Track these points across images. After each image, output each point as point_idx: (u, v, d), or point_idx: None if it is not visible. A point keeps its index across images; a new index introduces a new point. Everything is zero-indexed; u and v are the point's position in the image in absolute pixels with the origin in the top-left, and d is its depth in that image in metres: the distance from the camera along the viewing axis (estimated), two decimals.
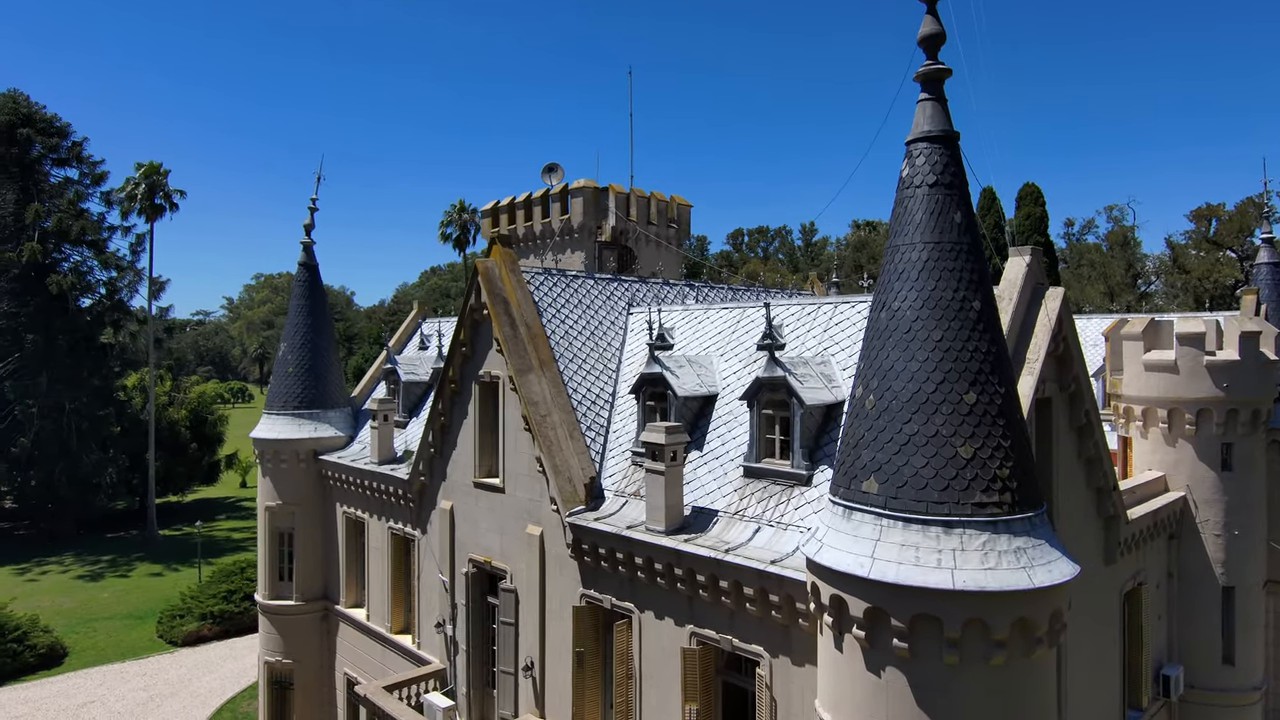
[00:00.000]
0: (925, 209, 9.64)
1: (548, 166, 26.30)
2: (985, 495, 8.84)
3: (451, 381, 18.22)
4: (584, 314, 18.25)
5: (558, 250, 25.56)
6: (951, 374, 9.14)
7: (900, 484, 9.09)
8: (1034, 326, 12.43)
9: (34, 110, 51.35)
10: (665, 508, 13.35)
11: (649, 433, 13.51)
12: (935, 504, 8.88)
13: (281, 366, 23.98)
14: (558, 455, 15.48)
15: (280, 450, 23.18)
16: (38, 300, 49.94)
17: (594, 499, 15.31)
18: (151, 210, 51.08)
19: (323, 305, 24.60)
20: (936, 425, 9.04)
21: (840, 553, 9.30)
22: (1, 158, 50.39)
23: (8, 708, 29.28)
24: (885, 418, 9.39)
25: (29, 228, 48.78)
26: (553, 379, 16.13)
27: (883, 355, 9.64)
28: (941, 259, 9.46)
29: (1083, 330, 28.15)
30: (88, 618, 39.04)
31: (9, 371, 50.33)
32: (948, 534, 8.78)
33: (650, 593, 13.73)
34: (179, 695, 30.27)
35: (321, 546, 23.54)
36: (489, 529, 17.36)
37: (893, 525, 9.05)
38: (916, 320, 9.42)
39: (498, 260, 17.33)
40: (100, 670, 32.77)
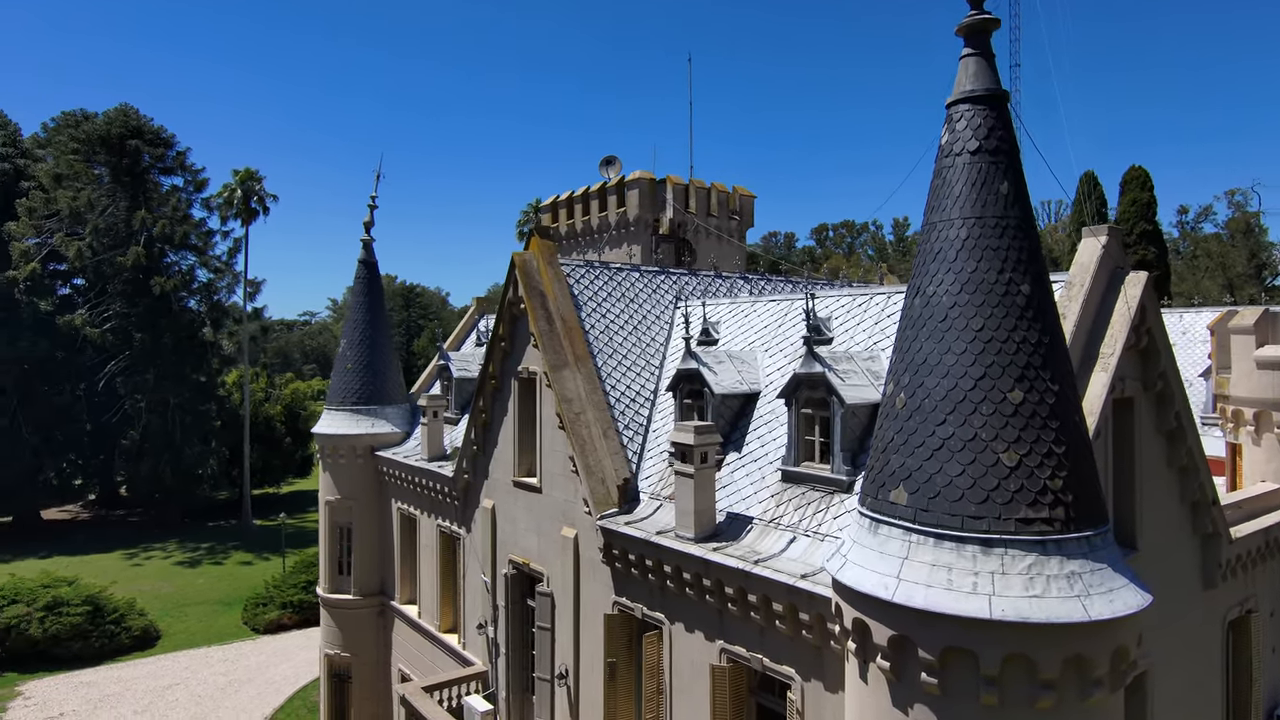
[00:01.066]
0: (966, 180, 8.42)
1: (605, 159, 25.70)
2: (1032, 510, 7.58)
3: (492, 377, 17.81)
4: (626, 307, 17.50)
5: (614, 244, 24.92)
6: (994, 368, 7.90)
7: (932, 494, 7.93)
8: (1110, 316, 10.88)
9: (143, 122, 54.59)
10: (694, 513, 12.45)
11: (678, 432, 12.63)
12: (972, 519, 7.68)
13: (341, 363, 24.26)
14: (590, 455, 14.79)
15: (339, 445, 23.42)
16: (146, 301, 52.99)
17: (628, 501, 14.54)
18: (247, 214, 53.53)
19: (380, 302, 24.75)
20: (975, 427, 7.83)
21: (864, 571, 8.21)
22: (114, 168, 53.75)
23: (102, 686, 30.91)
24: (917, 418, 8.23)
25: (137, 233, 51.81)
26: (588, 375, 15.45)
27: (915, 347, 8.48)
28: (984, 237, 8.22)
29: (1192, 325, 25.47)
30: (182, 602, 41.03)
31: (120, 368, 53.60)
32: (986, 554, 7.57)
33: (680, 604, 12.86)
34: (255, 681, 31.26)
35: (378, 542, 23.67)
36: (527, 529, 16.86)
37: (923, 542, 7.90)
38: (954, 307, 8.21)
39: (535, 253, 16.79)
40: (188, 654, 34.27)
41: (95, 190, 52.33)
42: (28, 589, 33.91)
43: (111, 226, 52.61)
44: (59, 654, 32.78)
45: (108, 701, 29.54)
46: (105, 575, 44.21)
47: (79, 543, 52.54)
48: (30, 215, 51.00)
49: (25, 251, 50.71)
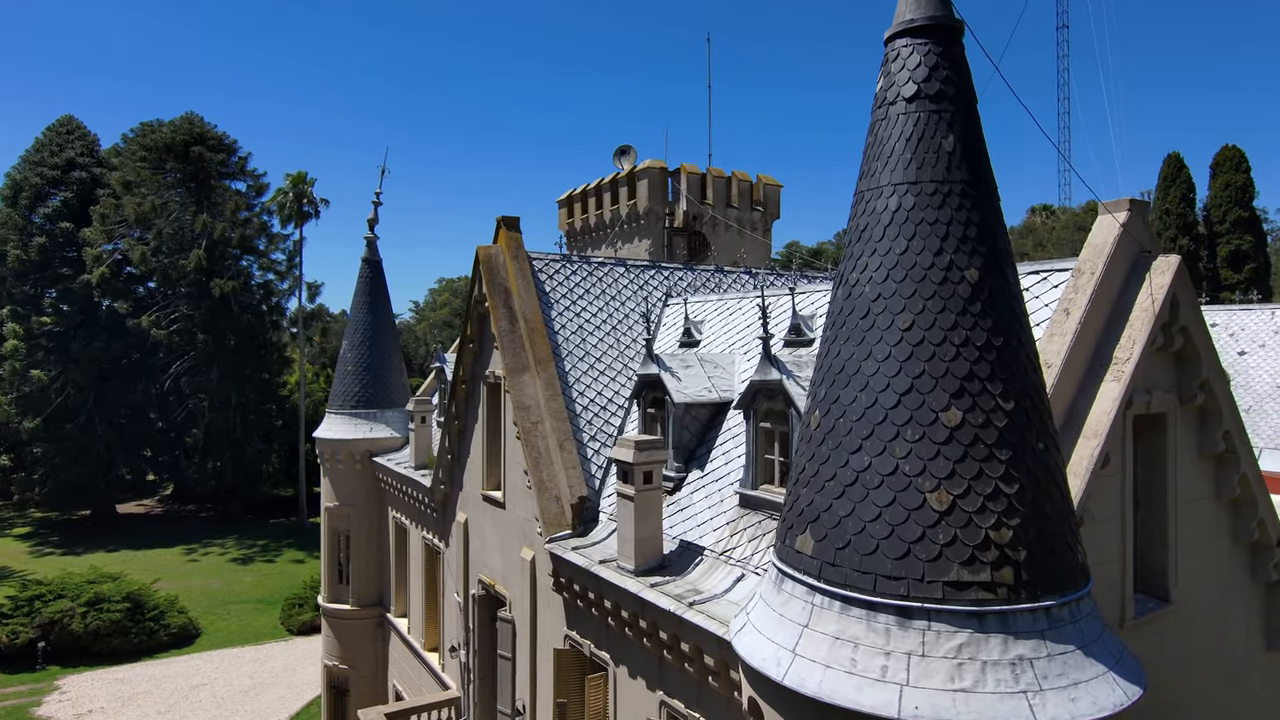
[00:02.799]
0: (900, 135, 6.51)
1: (620, 149, 24.17)
2: (967, 570, 5.66)
3: (462, 381, 16.54)
4: (605, 305, 15.93)
5: (626, 238, 23.39)
6: (923, 380, 6.00)
7: (841, 544, 6.08)
8: (1130, 313, 8.66)
9: (206, 130, 56.16)
10: (635, 541, 10.79)
11: (618, 448, 10.99)
12: (887, 579, 5.81)
13: (342, 365, 23.51)
14: (545, 469, 13.29)
15: (337, 450, 22.66)
16: (208, 303, 54.42)
17: (585, 522, 12.98)
18: (299, 217, 54.36)
19: (384, 302, 23.90)
20: (896, 458, 5.95)
21: (760, 639, 6.42)
22: (179, 174, 55.45)
23: (134, 683, 31.27)
24: (829, 443, 6.39)
25: (199, 237, 53.26)
26: (548, 380, 13.95)
27: (834, 352, 6.63)
28: (918, 208, 6.31)
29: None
30: (228, 600, 41.58)
31: (185, 368, 55.23)
32: (903, 628, 5.69)
33: (624, 645, 11.21)
34: (279, 684, 31.05)
35: (376, 551, 22.80)
36: (494, 548, 15.50)
37: (827, 606, 6.06)
38: (877, 300, 6.33)
39: (503, 246, 15.41)
40: (221, 653, 34.46)
41: (161, 196, 54.02)
42: (73, 584, 34.74)
43: (177, 231, 54.23)
44: (99, 649, 33.41)
45: (136, 700, 29.79)
46: (163, 570, 45.45)
47: (147, 537, 54.36)
48: (103, 221, 53.05)
49: (98, 256, 52.77)
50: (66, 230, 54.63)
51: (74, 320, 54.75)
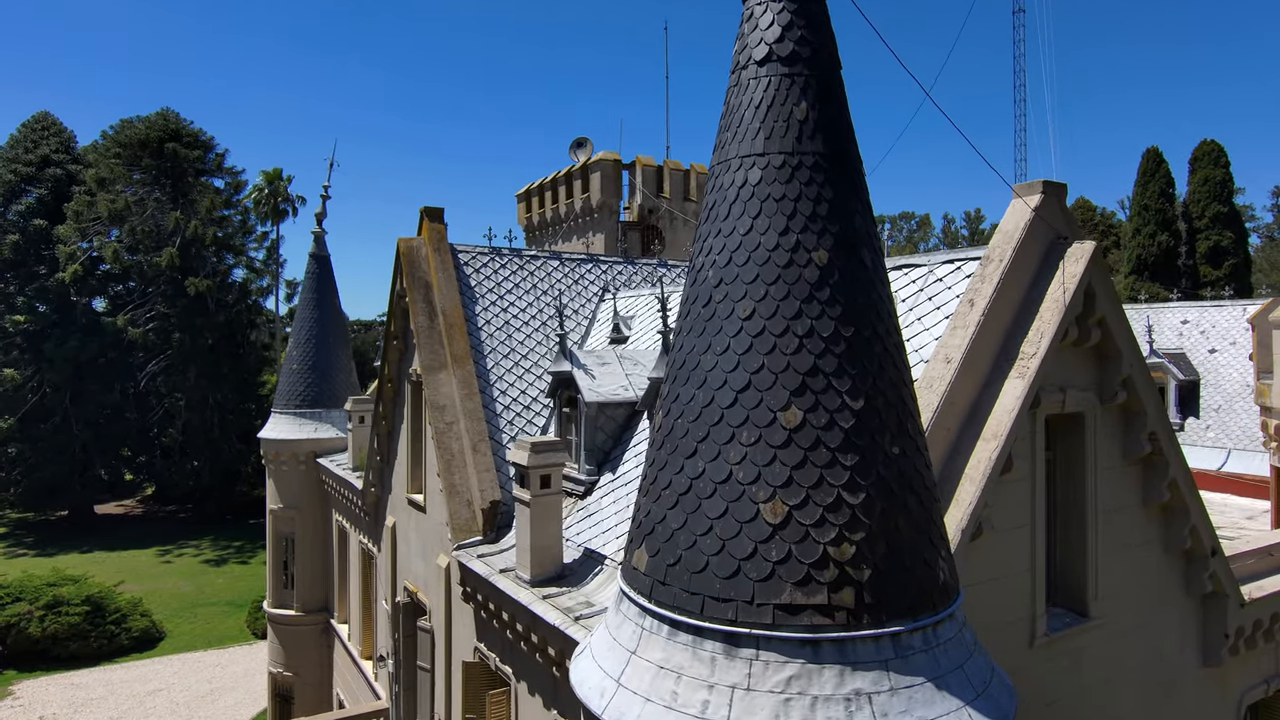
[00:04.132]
0: (750, 103, 5.83)
1: (576, 141, 23.51)
2: (802, 592, 4.97)
3: (388, 380, 15.87)
4: (536, 300, 15.25)
5: (580, 233, 22.72)
6: (762, 376, 5.31)
7: (672, 560, 5.41)
8: (1041, 303, 7.97)
9: (182, 126, 55.52)
10: (531, 550, 10.13)
11: (514, 449, 10.32)
12: (715, 600, 5.12)
13: (288, 363, 22.85)
14: (457, 472, 12.62)
15: (280, 451, 22.00)
16: (184, 301, 53.79)
17: (498, 529, 12.31)
18: (276, 215, 53.72)
19: (332, 298, 23.23)
20: (730, 463, 5.27)
21: (592, 666, 5.74)
22: (155, 171, 54.79)
23: (89, 688, 30.63)
24: (667, 447, 5.71)
25: (172, 235, 52.60)
26: (464, 379, 13.27)
27: (678, 344, 5.96)
28: (764, 183, 5.63)
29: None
30: (197, 602, 40.93)
31: (161, 368, 54.58)
32: (730, 656, 5.01)
33: (523, 659, 10.54)
34: (237, 690, 30.40)
35: (321, 556, 22.13)
36: (417, 554, 14.84)
37: (655, 630, 5.39)
38: (718, 286, 5.65)
39: (425, 239, 14.73)
40: (181, 658, 33.81)
41: (136, 193, 53.36)
42: (32, 587, 34.11)
43: (152, 229, 53.57)
44: (58, 654, 32.77)
45: (89, 705, 29.14)
46: (134, 572, 44.83)
47: (123, 538, 53.72)
48: (77, 219, 52.39)
49: (72, 254, 52.10)
50: (41, 228, 53.97)
51: (49, 319, 54.13)
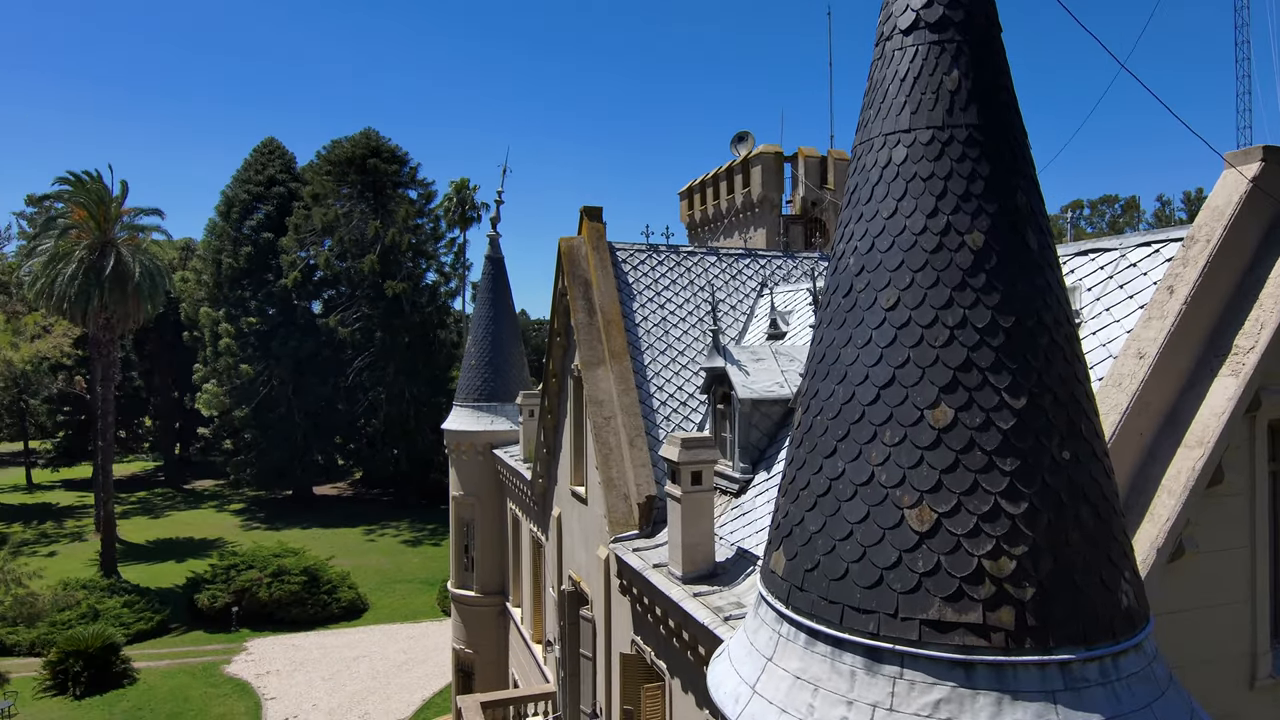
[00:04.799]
0: (896, 76, 5.40)
1: (737, 136, 23.19)
2: (953, 608, 4.54)
3: (552, 375, 16.44)
4: (693, 296, 15.20)
5: (741, 229, 22.39)
6: (907, 371, 4.91)
7: (809, 565, 5.13)
8: (1262, 289, 6.81)
9: (381, 143, 60.77)
10: (682, 546, 10.08)
11: (665, 445, 10.31)
12: (856, 611, 4.80)
13: (466, 359, 24.32)
14: (614, 466, 12.83)
15: (460, 442, 23.47)
16: (384, 303, 58.89)
17: (654, 523, 12.39)
18: (463, 222, 57.51)
19: (506, 298, 24.44)
20: (871, 464, 4.92)
21: (728, 669, 5.59)
22: (360, 185, 60.36)
23: (306, 650, 34.32)
24: (805, 445, 5.43)
25: (373, 242, 57.73)
26: (621, 374, 13.47)
27: (817, 338, 5.64)
28: (910, 161, 5.19)
29: None
30: (394, 578, 44.72)
31: (366, 364, 60.10)
32: (871, 673, 4.67)
33: (676, 655, 10.52)
34: (428, 662, 32.85)
35: (497, 541, 23.38)
36: (580, 544, 15.27)
37: (791, 638, 5.14)
38: (860, 274, 5.29)
39: (585, 237, 15.10)
40: (381, 628, 37.05)
41: (344, 206, 59.05)
42: (261, 557, 38.70)
43: (358, 238, 59.08)
44: (281, 617, 36.97)
45: (306, 665, 32.66)
46: (344, 548, 49.71)
47: (336, 516, 59.78)
48: (296, 231, 58.81)
49: (292, 262, 58.57)
50: (268, 240, 61.05)
51: (276, 320, 61.10)
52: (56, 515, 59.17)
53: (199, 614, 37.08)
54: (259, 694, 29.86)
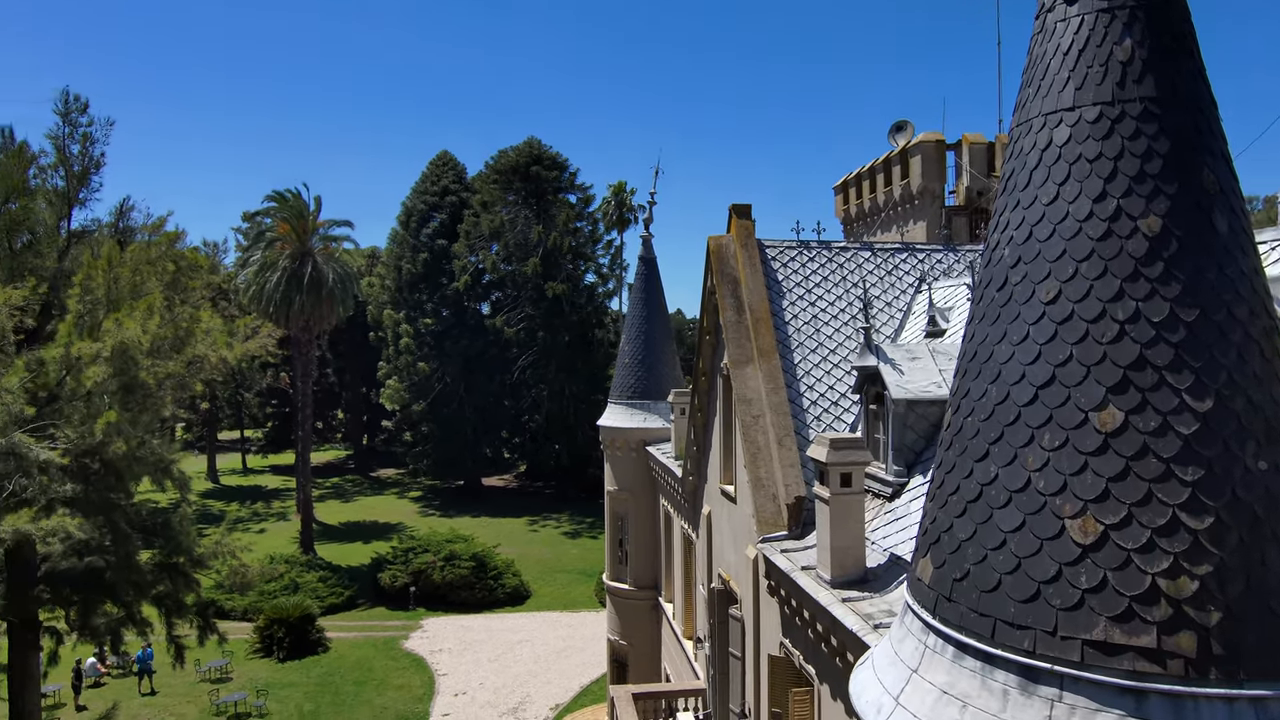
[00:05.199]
0: (1058, 48, 4.99)
1: (896, 125, 22.14)
2: (1122, 630, 4.15)
3: (702, 373, 16.48)
4: (845, 294, 14.75)
5: (900, 222, 21.37)
6: (1069, 369, 4.53)
7: (958, 574, 4.86)
8: None
9: (543, 151, 63.42)
10: (831, 550, 9.82)
11: (814, 445, 10.09)
12: (1009, 626, 4.50)
13: (620, 358, 24.90)
14: (763, 465, 12.70)
15: (615, 438, 24.07)
16: (545, 304, 61.45)
17: (801, 525, 12.15)
18: (620, 224, 58.89)
19: (658, 297, 24.80)
20: (1028, 470, 4.58)
21: (871, 678, 5.41)
22: (524, 191, 63.32)
23: (474, 631, 36.48)
24: (955, 448, 5.15)
25: (535, 246, 60.34)
26: (770, 373, 13.30)
27: (969, 334, 5.33)
28: (1074, 141, 4.77)
29: None
30: (555, 568, 46.56)
31: (529, 362, 62.97)
32: (1026, 694, 4.36)
33: (825, 661, 10.27)
34: (585, 651, 33.96)
35: (650, 536, 23.76)
36: (728, 543, 15.24)
37: (939, 650, 4.89)
38: (1016, 266, 4.93)
39: (733, 235, 15.03)
40: (542, 615, 38.70)
41: (509, 212, 62.16)
42: (435, 542, 41.53)
43: (521, 242, 62.01)
44: (453, 599, 39.49)
45: (475, 645, 34.73)
46: (508, 537, 52.36)
47: (502, 507, 63.08)
48: (466, 237, 62.59)
49: (463, 266, 62.39)
50: (442, 247, 65.34)
51: (449, 321, 65.30)
52: (266, 497, 66.34)
53: (381, 592, 40.35)
54: (432, 670, 32.08)
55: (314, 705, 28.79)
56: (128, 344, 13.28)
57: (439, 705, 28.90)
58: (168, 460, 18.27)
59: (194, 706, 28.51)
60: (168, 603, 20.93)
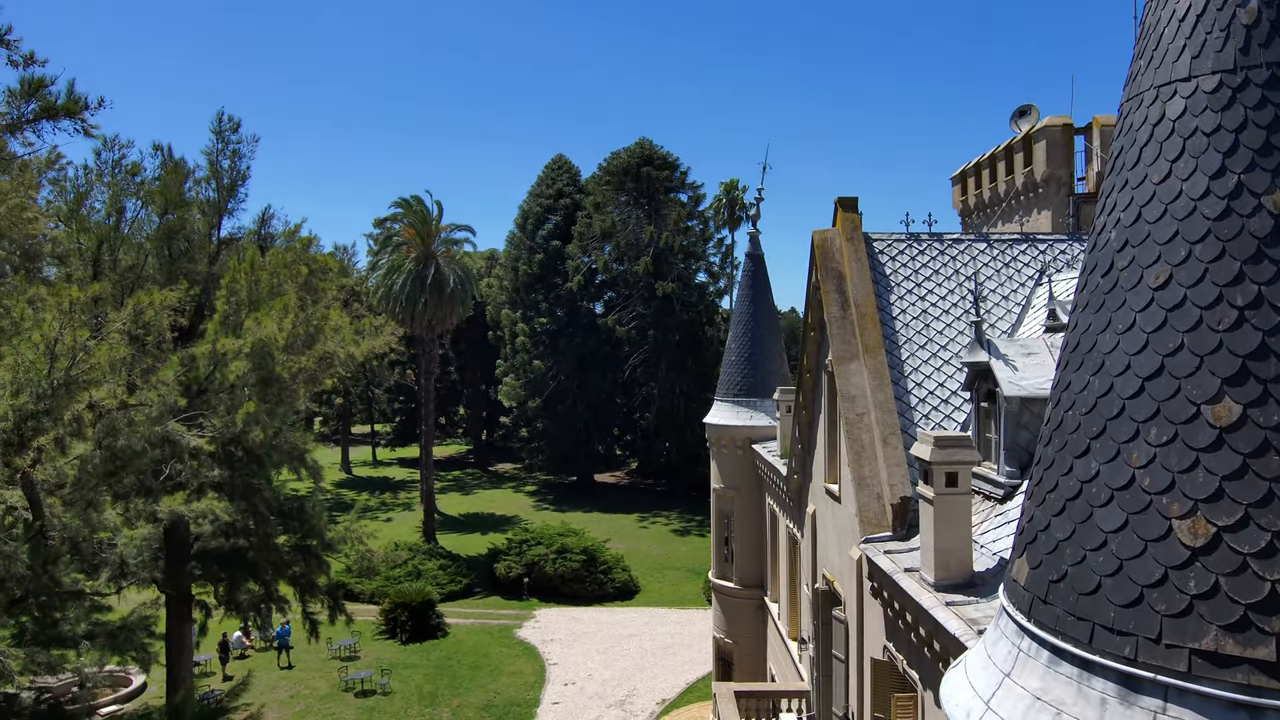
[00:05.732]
0: (1173, 15, 4.64)
1: (1018, 110, 20.92)
2: (1236, 640, 3.84)
3: (807, 370, 16.20)
4: (958, 288, 14.14)
5: (1022, 212, 20.16)
6: (1180, 359, 4.22)
7: (1055, 575, 4.61)
8: None
9: (654, 151, 63.88)
10: (935, 551, 9.47)
11: (918, 444, 9.75)
12: (1109, 631, 4.24)
13: (727, 355, 24.81)
14: (867, 464, 12.38)
15: (721, 435, 24.01)
16: (655, 303, 61.92)
17: (907, 526, 11.78)
18: (731, 222, 58.55)
19: (765, 294, 24.54)
20: (1131, 466, 4.30)
21: (963, 681, 5.22)
22: (635, 192, 64.02)
23: (584, 623, 37.24)
24: (1055, 443, 4.89)
25: (647, 245, 60.87)
26: (875, 369, 12.93)
27: (1071, 323, 5.04)
28: (1189, 114, 4.42)
29: None
30: (664, 565, 46.86)
31: (640, 360, 63.64)
32: (1126, 704, 4.10)
33: (928, 666, 9.91)
34: (691, 648, 34.02)
35: (756, 535, 23.56)
36: (832, 544, 14.92)
37: (1033, 654, 4.66)
38: (1123, 249, 4.63)
39: (839, 229, 14.69)
40: (650, 611, 39.04)
41: (620, 213, 63.02)
42: (548, 535, 42.66)
43: (633, 242, 62.74)
44: (564, 591, 40.47)
45: (584, 637, 35.46)
46: (618, 532, 53.12)
47: (613, 503, 64.06)
48: (579, 238, 63.92)
49: (576, 267, 63.75)
50: (557, 248, 67.01)
51: (563, 321, 66.89)
52: (393, 487, 70.05)
53: (496, 581, 41.85)
54: (544, 659, 32.99)
55: (433, 687, 30.21)
56: (265, 341, 14.50)
57: (549, 694, 29.70)
58: (301, 449, 19.67)
59: (325, 681, 30.51)
60: (302, 582, 22.52)
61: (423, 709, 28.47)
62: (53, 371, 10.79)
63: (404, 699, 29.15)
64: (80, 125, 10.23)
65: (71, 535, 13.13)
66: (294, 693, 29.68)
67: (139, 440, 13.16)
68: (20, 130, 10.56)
